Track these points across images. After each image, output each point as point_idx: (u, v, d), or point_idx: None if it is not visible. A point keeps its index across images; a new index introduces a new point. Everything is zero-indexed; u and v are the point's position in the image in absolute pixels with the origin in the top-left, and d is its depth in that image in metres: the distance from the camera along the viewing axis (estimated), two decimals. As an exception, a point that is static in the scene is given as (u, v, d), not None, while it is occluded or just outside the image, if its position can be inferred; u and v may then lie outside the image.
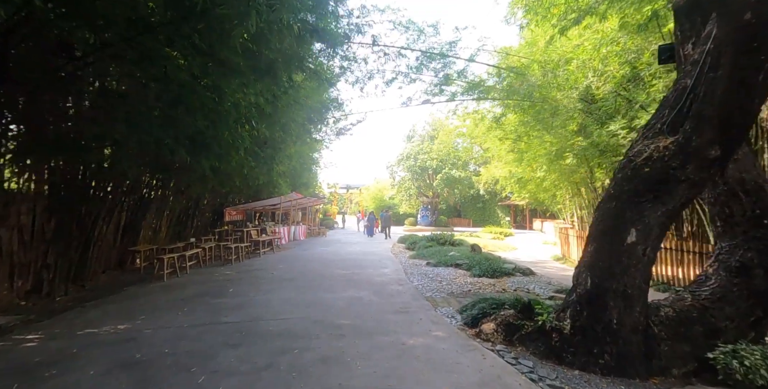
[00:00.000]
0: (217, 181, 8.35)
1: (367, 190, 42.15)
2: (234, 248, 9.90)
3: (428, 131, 43.11)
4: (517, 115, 9.49)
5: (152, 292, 6.55)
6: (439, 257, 9.99)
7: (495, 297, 4.77)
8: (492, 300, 4.58)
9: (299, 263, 9.97)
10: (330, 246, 15.15)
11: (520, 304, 4.13)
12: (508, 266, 7.78)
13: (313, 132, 9.47)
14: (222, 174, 7.64)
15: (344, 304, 5.50)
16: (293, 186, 16.75)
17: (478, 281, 7.07)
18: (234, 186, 10.32)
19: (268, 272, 8.59)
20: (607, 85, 6.20)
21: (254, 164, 7.59)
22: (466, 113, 10.84)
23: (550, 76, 6.66)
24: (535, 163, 11.33)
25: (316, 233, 21.92)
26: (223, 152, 5.68)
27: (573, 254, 10.19)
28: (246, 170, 7.62)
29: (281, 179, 13.45)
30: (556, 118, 8.02)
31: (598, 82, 6.23)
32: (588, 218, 11.20)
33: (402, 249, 13.90)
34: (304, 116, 8.36)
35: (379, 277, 7.86)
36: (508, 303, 4.29)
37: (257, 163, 7.80)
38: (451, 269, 8.58)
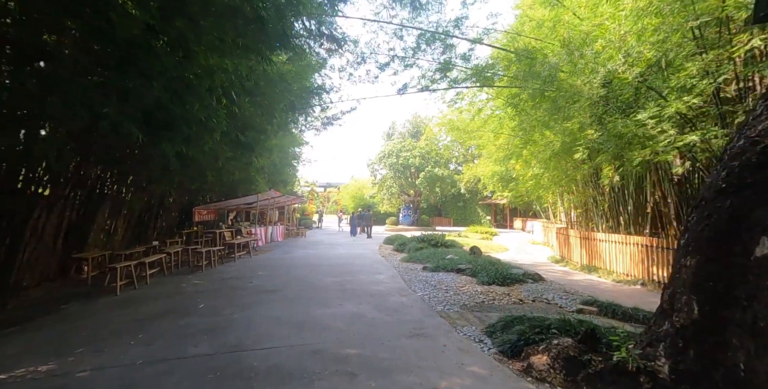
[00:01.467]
0: (184, 175, 7.11)
1: (346, 188, 40.93)
2: (205, 252, 8.63)
3: (408, 129, 42.63)
4: (527, 105, 8.76)
5: (100, 310, 5.29)
6: (435, 261, 9.16)
7: (535, 317, 3.91)
8: (531, 320, 3.73)
9: (282, 270, 8.83)
10: (312, 248, 14.01)
11: (572, 328, 3.31)
12: (516, 272, 7.04)
13: (297, 122, 8.39)
14: (191, 166, 6.43)
15: (344, 324, 4.52)
16: (271, 183, 15.47)
17: (488, 290, 6.26)
18: (205, 182, 9.04)
19: (246, 281, 7.43)
20: (635, 67, 5.52)
21: (231, 155, 6.42)
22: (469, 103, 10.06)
23: (576, 56, 5.92)
24: (533, 159, 10.73)
25: (295, 233, 20.63)
26: (194, 134, 4.50)
27: (575, 257, 9.65)
28: (221, 162, 6.44)
29: (259, 175, 12.20)
30: (568, 109, 7.33)
31: (626, 64, 5.53)
32: (586, 218, 10.77)
33: (391, 251, 12.99)
34: (288, 98, 7.26)
35: (376, 285, 6.90)
36: (556, 326, 3.45)
37: (235, 153, 6.63)
38: (452, 275, 7.75)
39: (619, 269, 7.56)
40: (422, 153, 29.25)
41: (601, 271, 8.04)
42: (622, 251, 7.42)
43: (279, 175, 15.68)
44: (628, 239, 7.25)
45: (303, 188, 33.95)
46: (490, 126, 11.21)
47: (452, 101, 9.01)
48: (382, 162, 30.20)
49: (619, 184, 8.10)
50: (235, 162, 7.31)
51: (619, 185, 8.37)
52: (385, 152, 30.38)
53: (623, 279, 7.17)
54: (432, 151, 30.17)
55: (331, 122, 8.26)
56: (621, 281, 7.13)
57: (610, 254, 7.85)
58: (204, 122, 4.34)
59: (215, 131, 4.57)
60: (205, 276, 7.93)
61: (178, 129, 4.20)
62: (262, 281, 7.42)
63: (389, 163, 29.22)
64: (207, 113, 4.25)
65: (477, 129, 11.96)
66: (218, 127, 4.50)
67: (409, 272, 8.51)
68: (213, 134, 4.66)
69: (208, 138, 4.70)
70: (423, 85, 8.06)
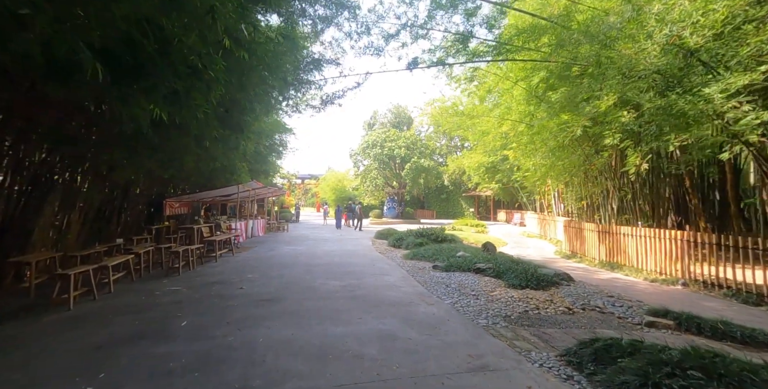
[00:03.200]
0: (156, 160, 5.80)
1: (325, 180, 39.40)
2: (182, 251, 7.33)
3: (390, 119, 41.56)
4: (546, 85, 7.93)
5: (43, 334, 4.03)
6: (445, 259, 8.31)
7: (637, 343, 2.99)
8: (633, 347, 2.87)
9: (273, 271, 7.69)
10: (299, 244, 12.85)
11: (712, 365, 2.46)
12: (547, 272, 6.28)
13: (292, 99, 7.20)
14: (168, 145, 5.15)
15: (376, 350, 3.53)
16: (253, 173, 14.07)
17: (524, 295, 5.45)
18: (180, 170, 7.68)
19: (234, 286, 6.27)
20: (708, 31, 4.71)
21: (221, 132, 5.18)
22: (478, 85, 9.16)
23: (632, 14, 4.99)
24: (543, 146, 10.01)
25: (276, 228, 19.27)
26: (182, 87, 3.21)
27: (591, 252, 9.08)
28: (208, 142, 5.19)
29: (241, 163, 10.85)
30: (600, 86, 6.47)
31: (694, 27, 4.71)
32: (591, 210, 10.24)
33: (387, 247, 12.05)
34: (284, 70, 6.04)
35: (391, 290, 5.94)
36: (689, 362, 2.54)
37: (221, 134, 5.40)
38: (471, 276, 6.92)
39: (648, 267, 7.00)
40: (407, 143, 28.32)
41: (626, 268, 7.47)
42: (653, 247, 6.85)
43: (262, 164, 14.27)
44: (662, 234, 6.65)
45: (281, 179, 32.28)
46: (496, 111, 10.38)
47: (468, 79, 8.05)
48: (366, 153, 29.02)
49: (644, 173, 7.49)
50: (221, 145, 6.06)
51: (644, 175, 7.76)
52: (368, 142, 29.19)
53: (657, 278, 6.61)
54: (417, 141, 29.31)
55: (332, 99, 7.15)
56: (656, 280, 6.55)
57: (637, 250, 7.27)
58: (195, 66, 3.09)
59: (212, 88, 3.35)
60: (183, 281, 6.68)
61: (159, 76, 2.94)
62: (253, 286, 6.28)
63: (373, 153, 28.11)
64: (198, 51, 2.96)
65: (481, 114, 11.11)
66: (215, 84, 3.28)
67: (420, 272, 7.61)
68: (210, 92, 3.42)
69: (201, 98, 3.44)
70: (438, 57, 7.05)
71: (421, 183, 29.00)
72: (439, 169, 30.78)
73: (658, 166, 7.91)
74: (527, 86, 9.67)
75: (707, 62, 5.35)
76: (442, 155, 36.60)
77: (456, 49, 6.89)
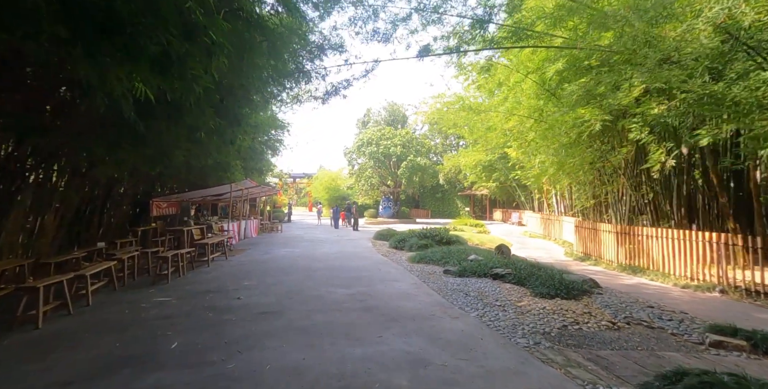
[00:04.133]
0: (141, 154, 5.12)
1: (317, 179, 38.54)
2: (171, 256, 6.63)
3: (384, 117, 40.99)
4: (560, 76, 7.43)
5: (2, 362, 3.34)
6: (456, 263, 7.78)
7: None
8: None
9: (271, 277, 7.05)
10: (296, 246, 12.19)
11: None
12: (574, 279, 5.78)
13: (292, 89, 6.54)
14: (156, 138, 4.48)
15: (407, 381, 2.95)
16: (246, 171, 13.34)
17: (556, 306, 4.93)
18: (169, 166, 6.97)
19: (230, 295, 5.62)
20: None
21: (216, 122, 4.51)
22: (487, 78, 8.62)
23: None
24: (555, 142, 9.52)
25: (270, 228, 18.54)
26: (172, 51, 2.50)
27: (608, 255, 8.63)
28: (202, 134, 4.51)
29: (234, 160, 10.14)
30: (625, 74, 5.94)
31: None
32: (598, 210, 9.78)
33: (389, 249, 11.49)
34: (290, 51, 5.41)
35: (406, 300, 5.37)
36: None
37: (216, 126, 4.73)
38: (489, 282, 6.39)
39: (677, 272, 6.56)
40: (403, 142, 27.76)
41: (651, 272, 7.04)
42: (681, 250, 6.41)
43: (257, 161, 13.53)
44: (694, 236, 6.20)
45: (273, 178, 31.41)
46: (503, 106, 9.86)
47: (483, 68, 7.48)
48: (361, 151, 28.35)
49: (669, 170, 7.06)
50: (216, 139, 5.39)
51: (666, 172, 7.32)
52: (363, 140, 28.54)
53: (688, 284, 6.17)
54: (413, 139, 28.77)
55: (337, 90, 6.51)
56: (687, 286, 6.10)
57: (663, 253, 6.83)
58: (195, 27, 2.43)
59: (213, 54, 2.69)
60: (172, 290, 6.00)
61: (143, 32, 2.26)
62: (251, 295, 5.64)
63: (368, 152, 27.46)
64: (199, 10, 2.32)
65: (488, 109, 10.56)
66: (217, 50, 2.62)
67: (431, 277, 7.06)
68: (211, 60, 2.74)
69: (200, 67, 2.76)
70: (449, 45, 6.48)
71: (416, 182, 28.44)
72: (436, 167, 30.30)
73: (681, 162, 7.49)
74: (538, 80, 9.19)
75: (755, 47, 4.89)
76: (437, 154, 36.20)
77: (471, 36, 6.34)
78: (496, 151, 21.08)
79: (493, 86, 9.58)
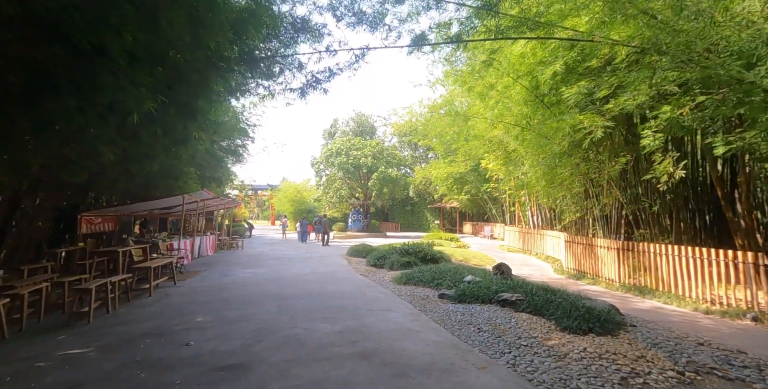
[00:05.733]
0: (49, 155, 3.69)
1: (282, 191, 36.48)
2: (95, 288, 5.06)
3: (353, 127, 40.20)
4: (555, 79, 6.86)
5: None
6: (451, 285, 6.84)
7: None
8: None
9: (232, 309, 5.64)
10: (260, 266, 10.67)
11: None
12: (599, 307, 4.95)
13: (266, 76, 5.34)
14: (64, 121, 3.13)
15: None
16: (202, 181, 11.70)
17: (594, 345, 4.06)
18: (103, 172, 5.45)
19: (175, 340, 4.21)
20: None
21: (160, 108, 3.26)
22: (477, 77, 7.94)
23: None
24: (542, 153, 9.01)
25: (228, 245, 16.66)
26: None
27: (607, 273, 8.01)
28: (135, 118, 3.19)
29: (188, 166, 8.64)
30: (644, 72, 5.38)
31: None
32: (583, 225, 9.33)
33: (368, 267, 10.33)
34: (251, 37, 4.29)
35: (409, 339, 4.27)
36: None
37: (165, 114, 3.48)
38: (498, 310, 5.46)
39: (693, 294, 5.98)
40: (374, 152, 26.91)
41: (661, 294, 6.45)
42: (699, 270, 5.88)
43: (215, 170, 11.92)
44: (714, 255, 5.64)
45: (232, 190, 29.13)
46: (491, 112, 9.26)
47: (486, 62, 6.74)
48: (329, 161, 27.09)
49: (676, 181, 6.62)
50: (162, 133, 4.08)
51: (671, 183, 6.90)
52: (332, 149, 27.35)
53: (710, 309, 5.55)
54: (383, 150, 28.03)
55: (318, 81, 5.39)
56: (710, 312, 5.49)
57: (675, 272, 6.27)
58: None
59: None
60: (93, 334, 4.46)
61: None
62: (207, 337, 4.27)
63: (338, 162, 26.27)
64: None
65: (474, 115, 9.90)
66: None
67: (426, 304, 6.03)
68: None
69: None
70: (447, 34, 5.68)
71: (387, 193, 27.58)
72: (407, 179, 29.71)
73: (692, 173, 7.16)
74: (529, 85, 8.70)
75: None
76: (406, 166, 35.75)
77: (470, 26, 5.60)
78: (470, 163, 20.87)
79: (484, 89, 8.98)
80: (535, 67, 8.22)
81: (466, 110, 10.50)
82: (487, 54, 6.65)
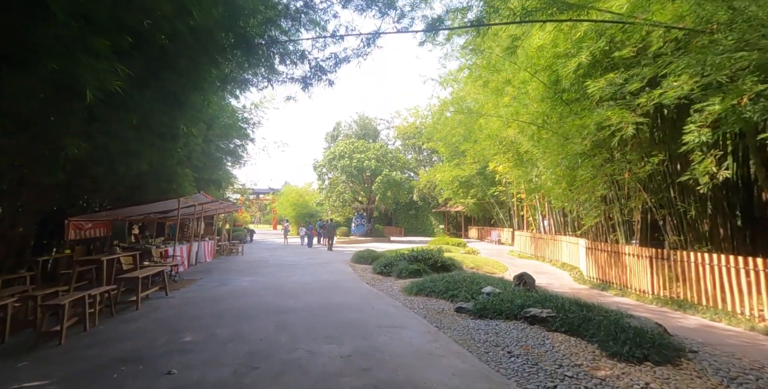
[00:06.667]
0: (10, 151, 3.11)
1: (284, 195, 35.88)
2: (68, 304, 4.44)
3: (356, 130, 39.67)
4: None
5: None
6: (469, 297, 6.20)
7: None
8: None
9: (226, 325, 5.00)
10: (260, 273, 10.05)
11: None
12: (648, 328, 4.30)
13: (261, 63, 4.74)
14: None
15: None
16: (199, 183, 11.12)
17: (654, 377, 3.40)
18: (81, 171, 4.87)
19: (155, 367, 3.58)
20: None
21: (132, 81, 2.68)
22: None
23: None
24: (561, 153, 8.37)
25: (228, 250, 16.06)
26: None
27: (637, 284, 7.26)
28: (85, 95, 2.61)
29: (182, 167, 8.06)
30: None
31: None
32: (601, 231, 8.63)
33: (374, 275, 9.69)
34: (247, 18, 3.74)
35: (433, 368, 3.62)
36: None
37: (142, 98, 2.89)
38: (526, 327, 4.81)
39: (747, 310, 5.23)
40: (377, 155, 26.32)
41: (705, 310, 5.73)
42: (755, 283, 5.15)
43: (212, 171, 11.34)
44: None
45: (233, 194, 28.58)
46: (507, 109, 8.63)
47: (509, 50, 6.10)
48: (332, 164, 26.52)
49: (719, 182, 5.97)
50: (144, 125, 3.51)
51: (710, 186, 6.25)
52: (335, 152, 26.80)
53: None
54: (387, 153, 27.43)
55: (323, 71, 4.80)
56: (770, 329, 4.84)
57: (723, 285, 5.57)
58: None
59: None
60: (61, 359, 3.84)
61: None
62: (192, 364, 3.64)
63: (341, 165, 25.69)
64: None
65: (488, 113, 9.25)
66: None
67: (443, 318, 5.38)
68: None
69: None
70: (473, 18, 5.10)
71: (390, 197, 26.94)
72: (411, 183, 29.08)
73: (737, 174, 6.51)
74: (547, 80, 8.10)
75: None
76: (410, 169, 35.13)
77: (492, 9, 5.02)
78: (477, 166, 20.21)
79: (500, 85, 8.39)
80: (555, 61, 7.64)
81: (479, 108, 9.87)
82: (509, 41, 6.06)
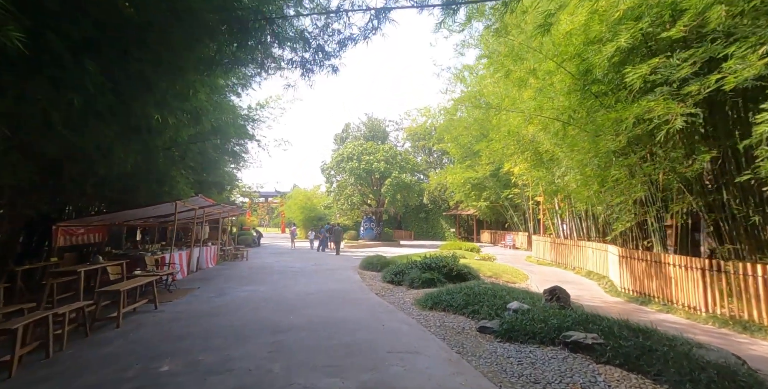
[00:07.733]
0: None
1: (292, 198, 35.33)
2: (27, 325, 3.79)
3: (364, 132, 39.03)
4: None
5: None
6: (493, 313, 5.40)
7: None
8: None
9: (213, 350, 4.30)
10: (261, 282, 9.37)
11: None
12: (714, 358, 3.48)
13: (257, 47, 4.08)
14: None
15: None
16: (199, 186, 10.54)
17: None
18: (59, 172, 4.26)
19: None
20: None
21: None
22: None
23: None
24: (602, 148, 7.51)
25: (232, 256, 15.48)
26: None
27: (683, 298, 6.39)
28: None
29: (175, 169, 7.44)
30: None
31: None
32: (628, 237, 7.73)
33: (383, 284, 8.94)
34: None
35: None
36: None
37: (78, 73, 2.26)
38: (568, 356, 4.00)
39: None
40: (386, 157, 25.60)
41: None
42: None
43: (211, 173, 10.74)
44: None
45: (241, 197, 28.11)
46: (531, 103, 7.83)
47: (542, 27, 5.30)
48: (341, 167, 25.88)
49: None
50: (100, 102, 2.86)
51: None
52: (344, 154, 26.19)
53: None
54: (397, 155, 26.69)
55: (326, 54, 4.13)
56: None
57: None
58: None
59: None
60: (5, 400, 3.18)
61: None
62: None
63: (349, 167, 25.04)
64: None
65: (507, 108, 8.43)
66: None
67: (466, 342, 4.60)
68: None
69: None
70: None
71: (400, 200, 26.18)
72: (421, 186, 28.28)
73: None
74: (576, 70, 7.28)
75: None
76: (421, 172, 34.31)
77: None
78: (491, 167, 19.31)
79: (524, 75, 7.59)
80: (586, 48, 6.84)
81: (498, 103, 9.07)
82: (543, 18, 5.28)
